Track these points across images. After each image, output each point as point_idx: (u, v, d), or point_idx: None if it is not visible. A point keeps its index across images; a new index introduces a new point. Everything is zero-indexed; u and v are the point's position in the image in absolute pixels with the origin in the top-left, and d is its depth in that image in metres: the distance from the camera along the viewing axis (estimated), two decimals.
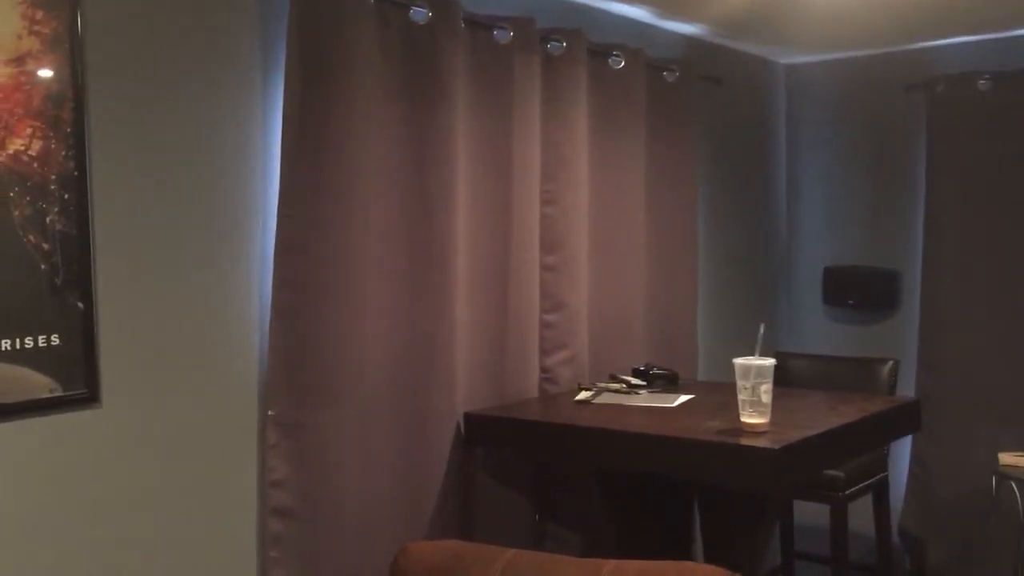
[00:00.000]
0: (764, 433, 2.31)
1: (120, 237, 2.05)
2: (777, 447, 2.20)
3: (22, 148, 1.88)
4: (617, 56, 3.20)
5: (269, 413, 2.28)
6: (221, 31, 2.23)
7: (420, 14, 2.54)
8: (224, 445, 2.25)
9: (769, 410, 2.35)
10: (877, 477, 3.47)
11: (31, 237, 1.90)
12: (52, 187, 1.93)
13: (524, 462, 2.89)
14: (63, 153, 1.94)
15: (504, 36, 2.78)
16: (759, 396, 2.34)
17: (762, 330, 2.45)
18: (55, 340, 1.95)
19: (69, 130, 1.95)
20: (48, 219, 1.93)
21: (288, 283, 2.28)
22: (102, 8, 2.01)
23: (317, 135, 2.31)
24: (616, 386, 2.97)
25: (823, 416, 2.58)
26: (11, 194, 1.87)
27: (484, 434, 2.70)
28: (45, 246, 1.93)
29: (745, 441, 2.27)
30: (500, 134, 2.79)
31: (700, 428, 2.41)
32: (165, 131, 2.13)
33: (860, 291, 4.12)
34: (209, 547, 2.23)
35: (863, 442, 2.76)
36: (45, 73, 1.92)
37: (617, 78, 3.21)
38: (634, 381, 3.01)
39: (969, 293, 3.77)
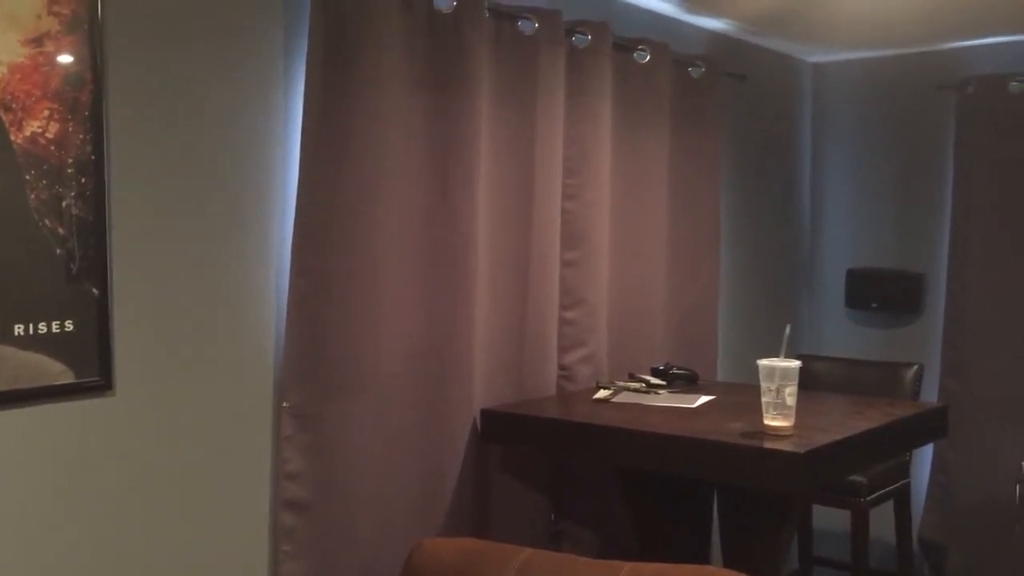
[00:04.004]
0: (789, 436, 2.27)
1: (137, 223, 2.02)
2: (803, 451, 2.15)
3: (39, 130, 1.85)
4: (642, 50, 3.15)
5: (284, 404, 2.25)
6: (243, 16, 2.20)
7: (444, 2, 2.50)
8: (238, 436, 2.22)
9: (793, 413, 2.30)
10: (899, 483, 3.42)
11: (47, 221, 1.87)
12: (69, 171, 1.90)
13: (541, 460, 2.85)
14: (80, 137, 1.91)
15: (529, 27, 2.74)
16: (783, 398, 2.29)
17: (787, 331, 2.41)
18: (69, 326, 1.92)
19: (87, 113, 1.92)
20: (64, 203, 1.90)
21: (306, 272, 2.25)
22: None
23: (338, 123, 2.27)
24: (635, 385, 2.92)
25: (848, 420, 2.53)
26: (27, 177, 1.84)
27: (501, 431, 2.66)
28: (61, 231, 1.90)
29: (770, 444, 2.22)
30: (523, 127, 2.75)
31: (723, 430, 2.36)
32: (184, 117, 2.10)
33: (884, 294, 4.06)
34: (221, 539, 2.20)
35: (889, 447, 2.71)
36: (64, 54, 1.89)
37: (642, 73, 3.16)
38: (653, 380, 2.96)
39: (995, 298, 3.71)
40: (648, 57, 3.16)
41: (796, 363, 2.32)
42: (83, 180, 1.92)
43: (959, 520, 3.79)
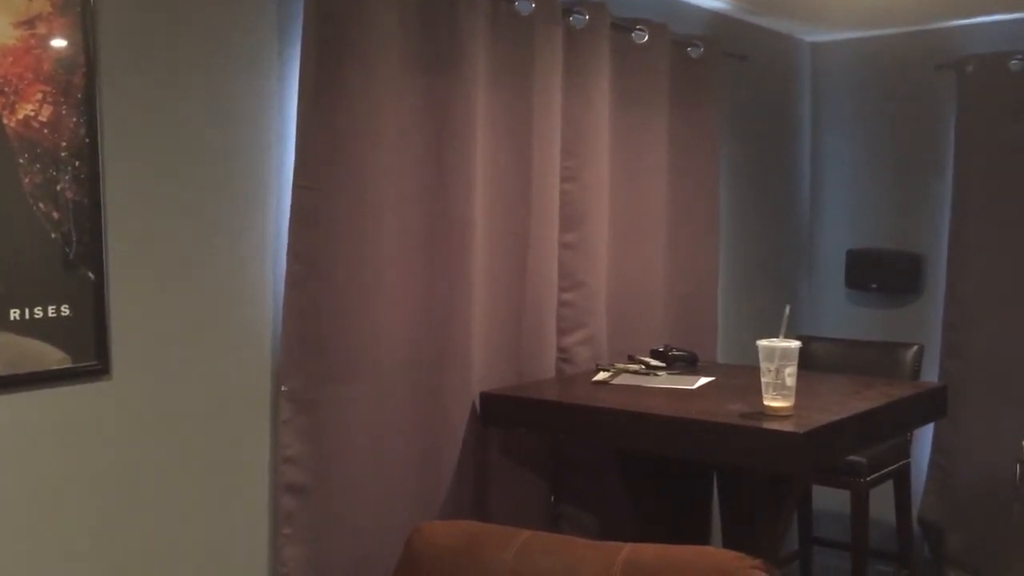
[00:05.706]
0: (788, 417, 2.26)
1: (132, 207, 2.01)
2: (802, 431, 2.15)
3: (32, 114, 1.84)
4: (640, 30, 3.13)
5: (282, 388, 2.25)
6: None
7: None
8: (236, 420, 2.22)
9: (793, 393, 2.30)
10: (899, 464, 3.42)
11: (41, 205, 1.86)
12: (63, 154, 1.89)
13: (540, 443, 2.85)
14: (74, 120, 1.90)
15: (526, 7, 2.72)
16: (783, 379, 2.29)
17: (787, 312, 2.40)
18: (65, 311, 1.91)
19: (80, 96, 1.90)
20: (59, 187, 1.89)
21: (302, 256, 2.24)
22: None
23: (333, 106, 2.25)
24: (635, 367, 2.92)
25: (848, 400, 2.53)
26: (20, 161, 1.83)
27: (500, 414, 2.65)
28: (55, 215, 1.88)
29: (769, 425, 2.22)
30: (520, 108, 2.74)
31: (722, 411, 2.36)
32: (179, 100, 2.08)
33: (884, 275, 4.05)
34: (220, 523, 2.20)
35: (888, 428, 2.71)
36: (56, 37, 1.87)
37: (640, 53, 3.14)
38: (653, 362, 2.96)
39: (996, 278, 3.70)
40: (646, 37, 3.14)
41: (796, 343, 2.31)
42: (77, 164, 1.91)
43: (959, 500, 3.80)
